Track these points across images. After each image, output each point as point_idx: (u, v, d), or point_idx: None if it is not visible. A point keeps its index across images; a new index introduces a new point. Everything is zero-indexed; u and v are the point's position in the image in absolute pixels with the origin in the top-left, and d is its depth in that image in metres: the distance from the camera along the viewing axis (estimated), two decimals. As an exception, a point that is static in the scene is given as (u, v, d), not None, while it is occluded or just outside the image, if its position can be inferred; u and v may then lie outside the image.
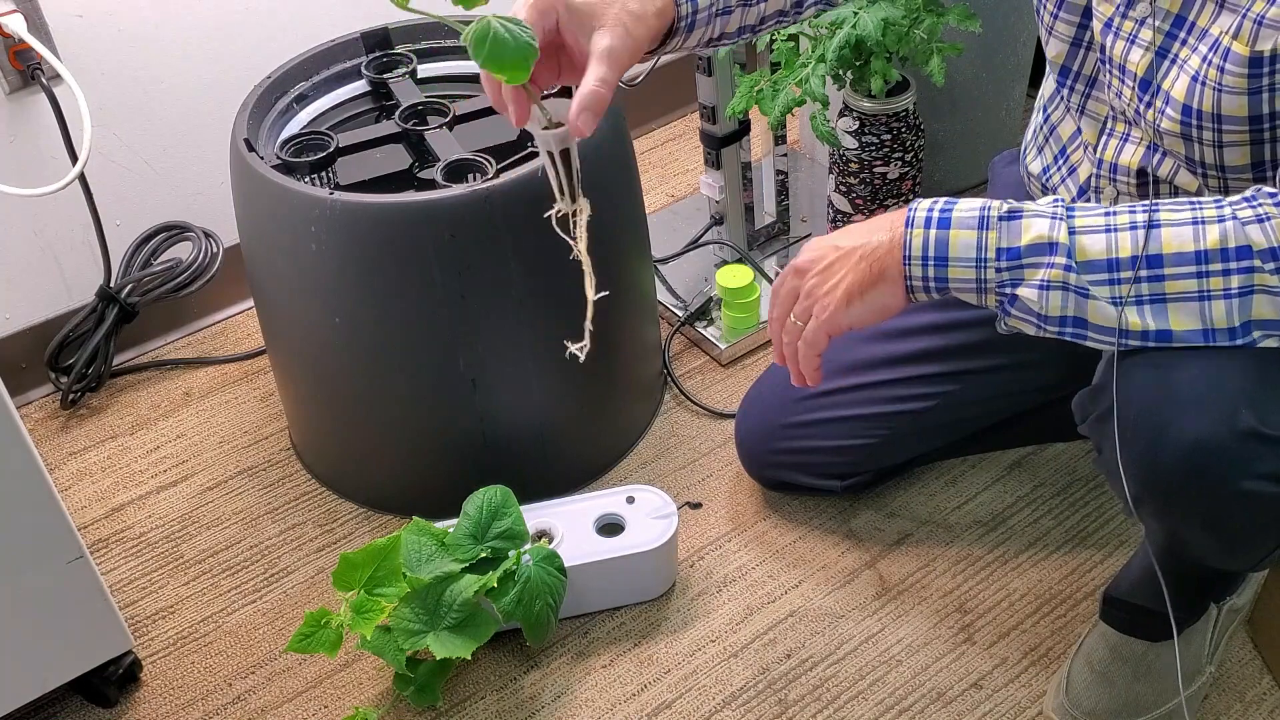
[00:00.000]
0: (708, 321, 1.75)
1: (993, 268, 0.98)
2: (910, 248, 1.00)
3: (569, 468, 1.54)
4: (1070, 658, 1.28)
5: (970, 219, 0.98)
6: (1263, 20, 0.94)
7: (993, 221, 0.98)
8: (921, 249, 1.00)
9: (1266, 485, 0.96)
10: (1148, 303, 0.95)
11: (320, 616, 1.27)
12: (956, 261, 0.99)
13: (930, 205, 1.01)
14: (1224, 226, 0.93)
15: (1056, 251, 0.96)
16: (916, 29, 1.63)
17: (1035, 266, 0.97)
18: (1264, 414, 0.95)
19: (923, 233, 1.00)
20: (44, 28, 1.54)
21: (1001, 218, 0.98)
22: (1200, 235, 0.94)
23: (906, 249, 1.00)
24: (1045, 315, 0.97)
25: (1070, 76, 1.17)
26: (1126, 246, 0.95)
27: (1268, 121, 0.99)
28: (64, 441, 1.68)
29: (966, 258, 0.98)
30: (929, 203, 1.01)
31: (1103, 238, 0.95)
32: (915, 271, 1.00)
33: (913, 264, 1.00)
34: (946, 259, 0.99)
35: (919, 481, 1.53)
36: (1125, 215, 0.96)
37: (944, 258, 0.99)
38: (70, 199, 1.63)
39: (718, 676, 1.34)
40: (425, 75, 1.57)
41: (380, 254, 1.33)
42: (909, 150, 1.78)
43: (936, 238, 0.99)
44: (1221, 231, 0.93)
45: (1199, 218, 0.95)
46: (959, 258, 0.99)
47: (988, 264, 0.98)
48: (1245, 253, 0.93)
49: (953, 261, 0.99)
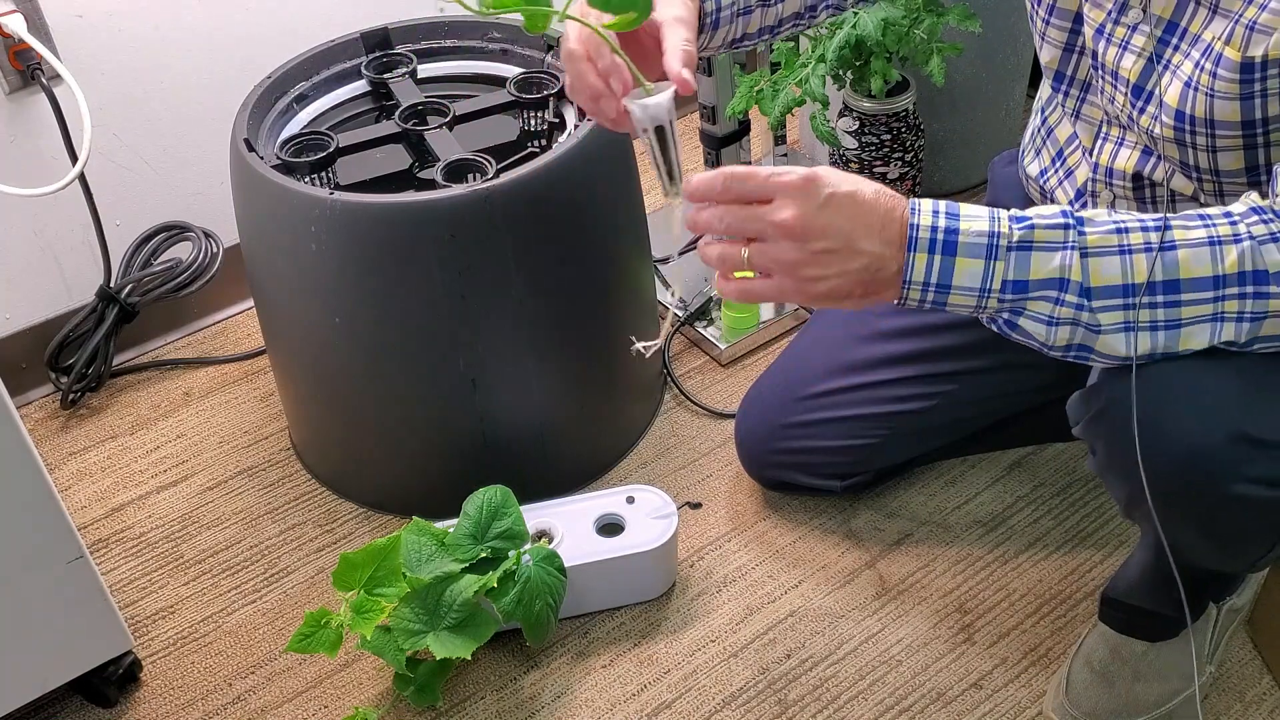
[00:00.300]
0: (708, 321, 1.75)
1: (996, 297, 0.94)
2: (912, 271, 0.94)
3: (569, 468, 1.54)
4: (1070, 658, 1.28)
5: (978, 246, 0.93)
6: (1255, 26, 0.94)
7: (1002, 252, 0.93)
8: (924, 274, 0.94)
9: (1258, 489, 0.96)
10: (1163, 328, 0.94)
11: (320, 616, 1.27)
12: (959, 290, 0.95)
13: (933, 221, 0.94)
14: (1242, 248, 0.92)
15: (1067, 289, 0.93)
16: (916, 29, 1.63)
17: (1043, 300, 0.94)
18: (1255, 418, 0.95)
19: (926, 258, 0.93)
20: (44, 28, 1.54)
21: (1011, 248, 0.93)
22: (1219, 258, 0.92)
23: (908, 272, 0.94)
24: (1051, 345, 0.96)
25: (1064, 81, 1.17)
26: (1143, 271, 0.93)
27: (1261, 126, 0.99)
28: (64, 441, 1.68)
29: (970, 287, 0.94)
30: (930, 215, 0.94)
31: (1117, 260, 0.93)
32: (913, 294, 0.95)
33: (912, 287, 0.95)
34: (949, 287, 0.94)
35: (919, 481, 1.53)
36: (1139, 234, 0.93)
37: (946, 285, 0.94)
38: (70, 199, 1.63)
39: (718, 676, 1.34)
40: (425, 75, 1.57)
41: (380, 254, 1.33)
42: (909, 150, 1.78)
43: (941, 265, 0.93)
44: (1240, 254, 0.92)
45: (1215, 237, 0.93)
46: (962, 286, 0.94)
47: (991, 294, 0.94)
48: (1263, 278, 0.92)
49: (955, 290, 0.95)
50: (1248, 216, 0.93)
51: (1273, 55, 0.94)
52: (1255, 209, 0.94)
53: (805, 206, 0.93)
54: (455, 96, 1.53)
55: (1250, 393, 0.95)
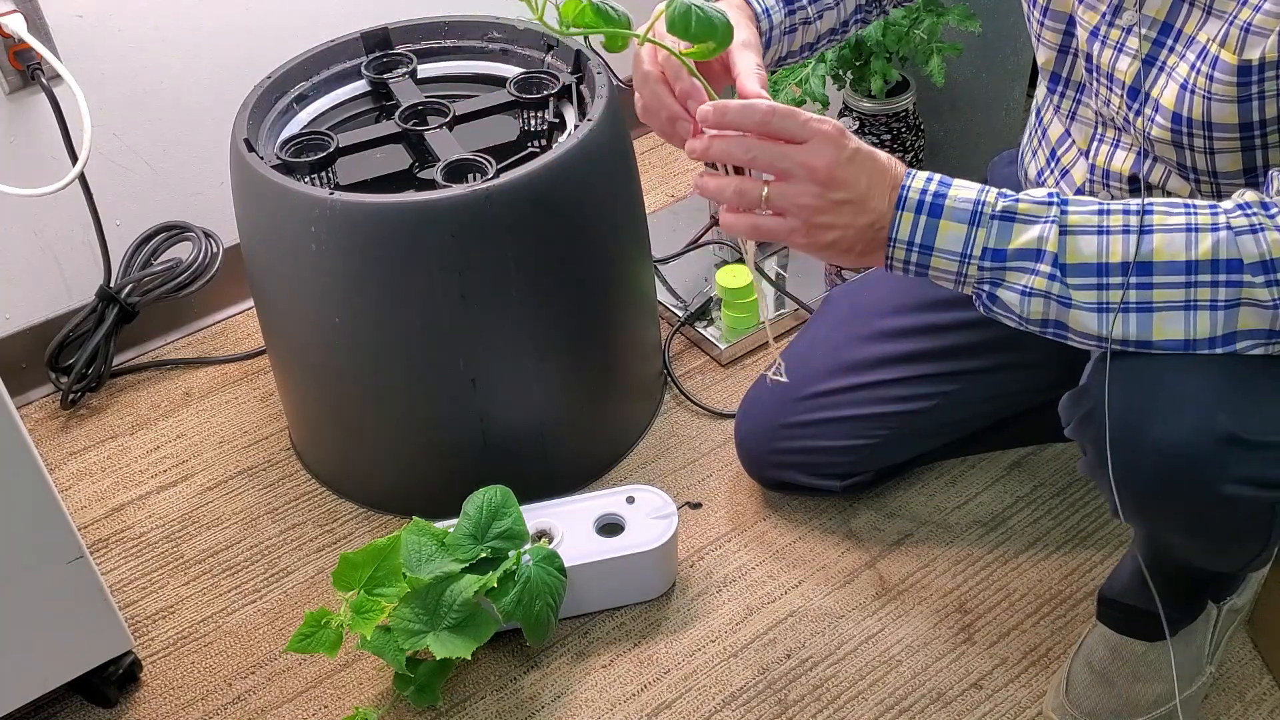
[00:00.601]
0: (708, 321, 1.75)
1: (975, 264, 0.97)
2: (898, 229, 0.97)
3: (569, 468, 1.54)
4: (1070, 658, 1.28)
5: (963, 211, 0.96)
6: (1249, 28, 0.94)
7: (985, 219, 0.96)
8: (909, 233, 0.97)
9: (1246, 489, 0.96)
10: (1134, 310, 0.95)
11: (320, 616, 1.27)
12: (941, 253, 0.97)
13: (925, 185, 0.97)
14: (1217, 236, 0.92)
15: (1042, 259, 0.95)
16: (916, 29, 1.63)
17: (1019, 271, 0.96)
18: (1243, 418, 0.95)
19: (912, 217, 0.97)
20: (44, 28, 1.54)
21: (994, 216, 0.96)
22: (1192, 244, 0.93)
23: (894, 230, 0.98)
24: (1026, 318, 0.97)
25: (1060, 83, 1.17)
26: (1118, 251, 0.94)
27: (1259, 129, 0.99)
28: (64, 441, 1.68)
29: (951, 250, 0.97)
30: (923, 180, 0.98)
31: (1094, 240, 0.95)
32: (898, 254, 0.99)
33: (897, 245, 0.98)
34: (931, 248, 0.97)
35: (919, 481, 1.53)
36: (1119, 216, 0.95)
37: (929, 246, 0.97)
38: (70, 199, 1.63)
39: (718, 676, 1.34)
40: (425, 75, 1.57)
41: (380, 254, 1.33)
42: (909, 150, 1.78)
43: (925, 225, 0.97)
44: (1214, 241, 0.92)
45: (1193, 224, 0.94)
46: (944, 249, 0.97)
47: (971, 260, 0.97)
48: (1236, 266, 0.92)
49: (937, 251, 0.97)
50: (1232, 211, 0.94)
51: (1270, 58, 0.94)
52: (1242, 205, 0.94)
53: (837, 155, 0.96)
54: (455, 96, 1.53)
55: (1237, 393, 0.95)
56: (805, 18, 1.19)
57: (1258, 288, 0.92)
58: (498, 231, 1.33)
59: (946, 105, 1.87)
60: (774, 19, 1.16)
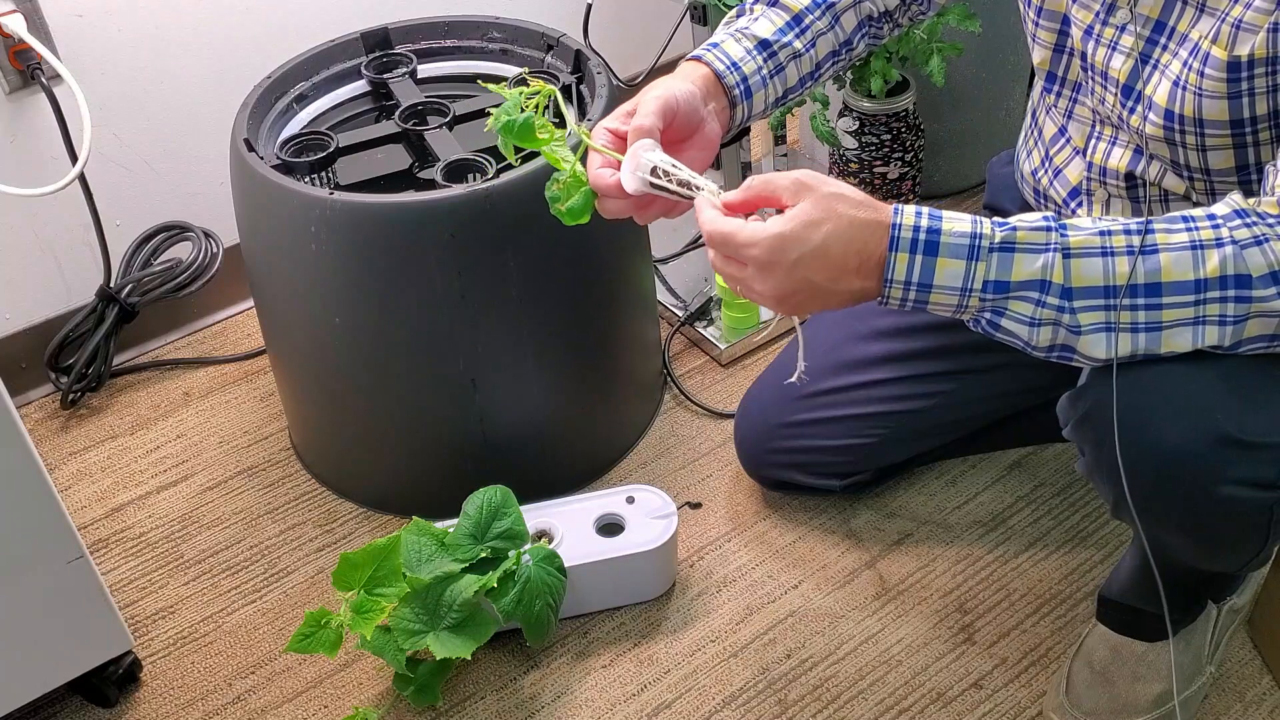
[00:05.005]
0: (708, 321, 1.75)
1: (977, 297, 0.95)
2: (893, 270, 0.94)
3: (569, 468, 1.55)
4: (1070, 658, 1.28)
5: (960, 247, 0.93)
6: (1240, 24, 0.95)
7: (984, 252, 0.93)
8: (905, 273, 0.94)
9: (1243, 490, 0.96)
10: (1143, 330, 0.94)
11: (320, 616, 1.28)
12: (940, 289, 0.95)
13: (915, 222, 0.94)
14: (1223, 252, 0.92)
15: (1049, 291, 0.93)
16: (916, 29, 1.63)
17: (1024, 300, 0.94)
18: (1240, 420, 0.95)
19: (907, 257, 0.94)
20: (44, 28, 1.54)
21: (994, 249, 0.93)
22: (1200, 262, 0.92)
23: (889, 271, 0.94)
24: (1034, 345, 0.96)
25: (1056, 82, 1.17)
26: (1124, 273, 0.93)
27: (1249, 125, 0.99)
28: (64, 441, 1.68)
29: (951, 286, 0.95)
30: (914, 216, 0.94)
31: (1099, 262, 0.93)
32: (895, 293, 0.96)
33: (893, 286, 0.95)
34: (930, 285, 0.95)
35: (919, 481, 1.53)
36: (1121, 236, 0.94)
37: (927, 284, 0.95)
38: (70, 199, 1.63)
39: (718, 676, 1.34)
40: (425, 75, 1.57)
41: (380, 254, 1.33)
42: (909, 150, 1.78)
43: (922, 264, 0.94)
44: (1221, 258, 0.92)
45: (1197, 241, 0.93)
46: (943, 285, 0.95)
47: (972, 293, 0.95)
48: (1245, 282, 0.92)
49: (936, 289, 0.95)
50: (1230, 220, 0.93)
51: (1259, 54, 0.94)
52: (1238, 211, 0.94)
53: (775, 273, 0.94)
54: (455, 96, 1.53)
55: (1235, 395, 0.95)
56: (794, 52, 1.15)
57: (1269, 300, 0.92)
58: (497, 231, 1.33)
59: (946, 105, 1.87)
60: (744, 70, 1.12)
